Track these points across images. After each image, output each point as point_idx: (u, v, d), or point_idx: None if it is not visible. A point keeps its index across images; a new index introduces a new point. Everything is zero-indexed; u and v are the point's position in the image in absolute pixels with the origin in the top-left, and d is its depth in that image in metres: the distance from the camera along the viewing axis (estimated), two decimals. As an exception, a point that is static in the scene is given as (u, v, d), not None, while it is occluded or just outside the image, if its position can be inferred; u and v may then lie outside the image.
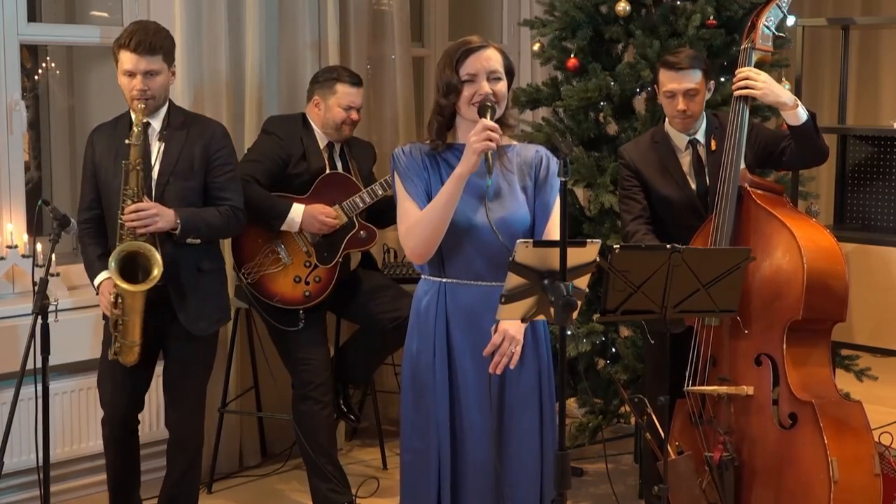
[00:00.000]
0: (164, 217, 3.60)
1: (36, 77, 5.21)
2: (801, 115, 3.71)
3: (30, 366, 3.35)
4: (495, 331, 2.92)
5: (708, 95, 3.92)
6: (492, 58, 2.96)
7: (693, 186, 3.91)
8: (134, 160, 3.57)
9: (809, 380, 3.57)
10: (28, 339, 3.34)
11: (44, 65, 5.25)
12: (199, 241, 3.71)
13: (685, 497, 3.61)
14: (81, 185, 3.84)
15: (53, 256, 3.46)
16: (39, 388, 3.45)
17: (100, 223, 3.76)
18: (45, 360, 3.44)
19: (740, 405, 3.64)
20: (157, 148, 3.73)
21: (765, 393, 3.59)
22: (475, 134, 2.84)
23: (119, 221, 3.59)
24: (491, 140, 2.82)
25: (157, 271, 3.53)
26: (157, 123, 3.75)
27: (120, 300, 3.58)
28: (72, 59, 5.21)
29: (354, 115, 4.35)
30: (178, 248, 3.69)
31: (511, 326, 2.91)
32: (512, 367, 2.93)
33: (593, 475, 4.78)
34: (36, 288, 3.43)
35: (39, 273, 3.54)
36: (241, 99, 4.78)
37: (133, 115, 3.67)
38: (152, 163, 3.71)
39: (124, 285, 3.52)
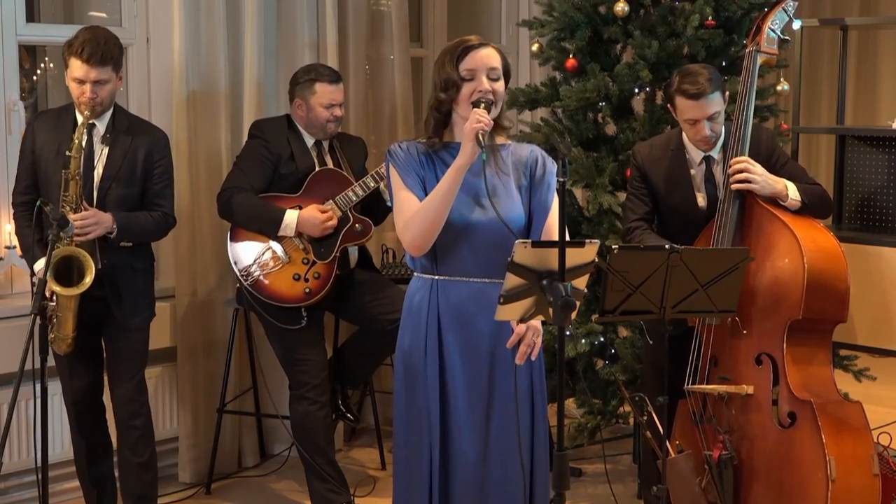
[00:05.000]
0: (103, 223, 3.71)
1: (34, 77, 5.21)
2: (794, 202, 3.69)
3: (28, 366, 3.35)
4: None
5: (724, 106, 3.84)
6: (491, 56, 2.99)
7: (699, 202, 3.87)
8: (73, 171, 3.66)
9: (809, 379, 3.57)
10: (27, 339, 3.34)
11: (42, 65, 5.26)
12: (130, 244, 3.83)
13: (684, 496, 3.62)
14: (18, 167, 3.90)
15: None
16: (38, 388, 3.46)
17: (34, 209, 3.78)
18: (43, 360, 3.46)
19: (740, 404, 3.64)
20: (100, 150, 3.80)
21: (764, 392, 3.60)
22: (469, 122, 2.87)
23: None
24: (481, 122, 2.85)
25: (88, 278, 3.63)
26: (101, 126, 3.83)
27: (55, 297, 3.67)
28: (70, 59, 5.21)
29: (338, 112, 4.34)
30: (112, 249, 3.78)
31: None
32: (534, 357, 2.93)
33: (592, 475, 4.78)
34: (34, 288, 3.43)
35: (38, 273, 3.54)
36: (239, 100, 4.78)
37: (78, 116, 3.74)
38: (94, 164, 3.78)
39: (59, 289, 3.61)
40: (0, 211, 4.32)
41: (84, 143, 3.73)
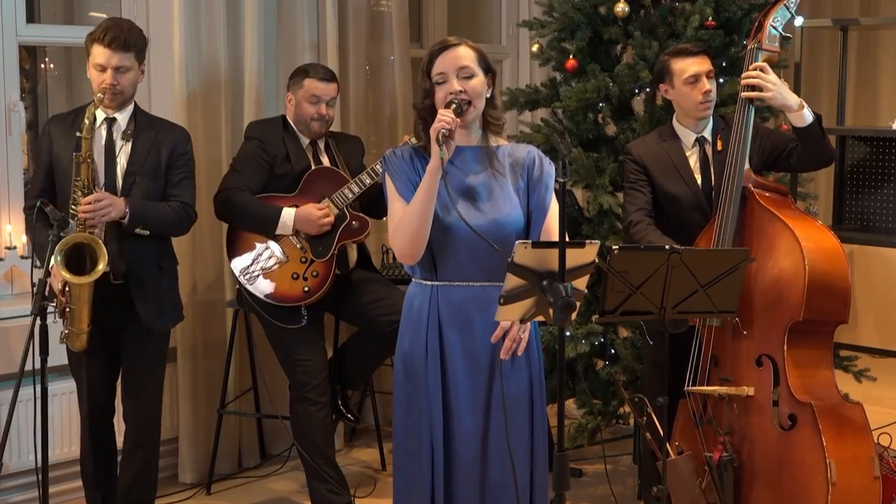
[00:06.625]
0: (116, 206, 3.66)
1: (35, 78, 5.22)
2: (807, 117, 3.69)
3: (29, 367, 3.35)
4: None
5: None
6: (462, 55, 2.97)
7: (699, 184, 3.91)
8: (85, 153, 3.62)
9: (810, 381, 3.56)
10: (27, 339, 3.33)
11: (42, 65, 5.26)
12: (147, 232, 3.76)
13: (684, 497, 3.61)
14: (34, 171, 3.87)
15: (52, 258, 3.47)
16: (38, 388, 3.46)
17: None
18: (43, 360, 3.45)
19: (741, 406, 3.64)
20: (121, 146, 3.77)
21: (765, 394, 3.59)
22: (433, 125, 2.87)
23: (71, 212, 3.61)
24: (443, 121, 2.83)
25: (101, 264, 3.57)
26: (123, 121, 3.79)
27: (67, 288, 3.60)
28: (70, 59, 5.22)
29: (323, 110, 4.32)
30: (138, 245, 3.74)
31: (517, 323, 2.90)
32: (520, 353, 2.93)
33: (592, 476, 4.78)
34: (35, 289, 3.43)
35: (38, 274, 3.54)
36: (240, 100, 4.79)
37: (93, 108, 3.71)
38: (117, 159, 3.75)
39: (69, 276, 3.54)
40: None
41: (95, 124, 3.69)
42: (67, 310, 3.63)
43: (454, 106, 2.89)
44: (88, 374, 3.83)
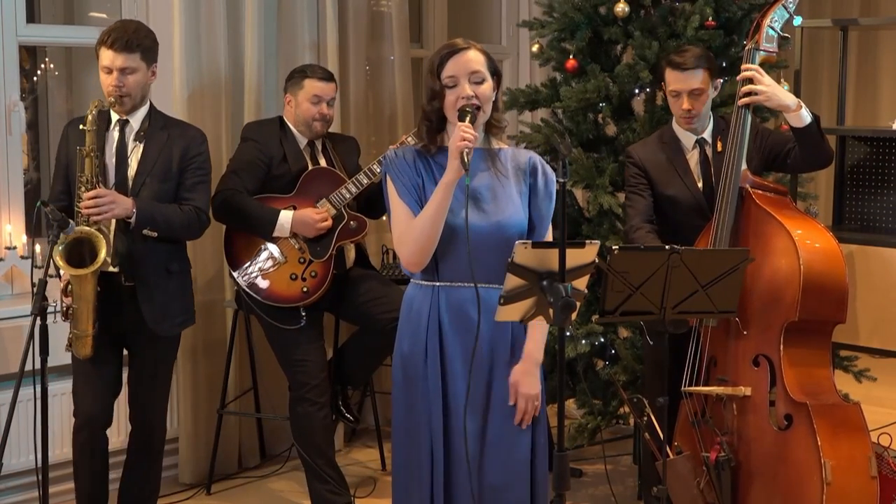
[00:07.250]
0: (121, 204, 3.64)
1: (35, 78, 5.22)
2: (805, 117, 3.68)
3: (29, 367, 3.35)
4: (509, 379, 2.97)
5: (714, 94, 3.92)
6: (473, 59, 2.96)
7: (699, 186, 3.91)
8: (89, 146, 3.61)
9: (806, 381, 3.56)
10: (27, 340, 3.33)
11: (42, 66, 5.26)
12: (155, 234, 3.73)
13: (683, 496, 3.62)
14: (54, 175, 3.88)
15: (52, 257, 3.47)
16: (38, 389, 3.46)
17: (68, 214, 3.74)
18: (44, 361, 3.45)
19: (738, 406, 3.64)
20: (133, 147, 3.76)
21: (762, 394, 3.59)
22: (453, 140, 2.85)
23: (75, 209, 3.61)
24: (466, 139, 2.82)
25: (102, 253, 3.54)
26: (135, 123, 3.79)
27: (69, 287, 3.58)
28: (70, 60, 5.22)
29: (325, 109, 4.33)
30: (147, 247, 3.73)
31: (528, 386, 2.95)
32: (524, 426, 2.99)
33: (592, 476, 4.78)
34: (35, 289, 3.43)
35: (38, 274, 3.54)
36: (240, 100, 4.79)
37: (113, 115, 3.72)
38: (128, 160, 3.74)
39: (70, 270, 3.53)
40: (0, 212, 4.33)
41: (110, 126, 3.70)
42: (70, 310, 3.62)
43: (469, 116, 2.89)
44: (92, 386, 3.80)
